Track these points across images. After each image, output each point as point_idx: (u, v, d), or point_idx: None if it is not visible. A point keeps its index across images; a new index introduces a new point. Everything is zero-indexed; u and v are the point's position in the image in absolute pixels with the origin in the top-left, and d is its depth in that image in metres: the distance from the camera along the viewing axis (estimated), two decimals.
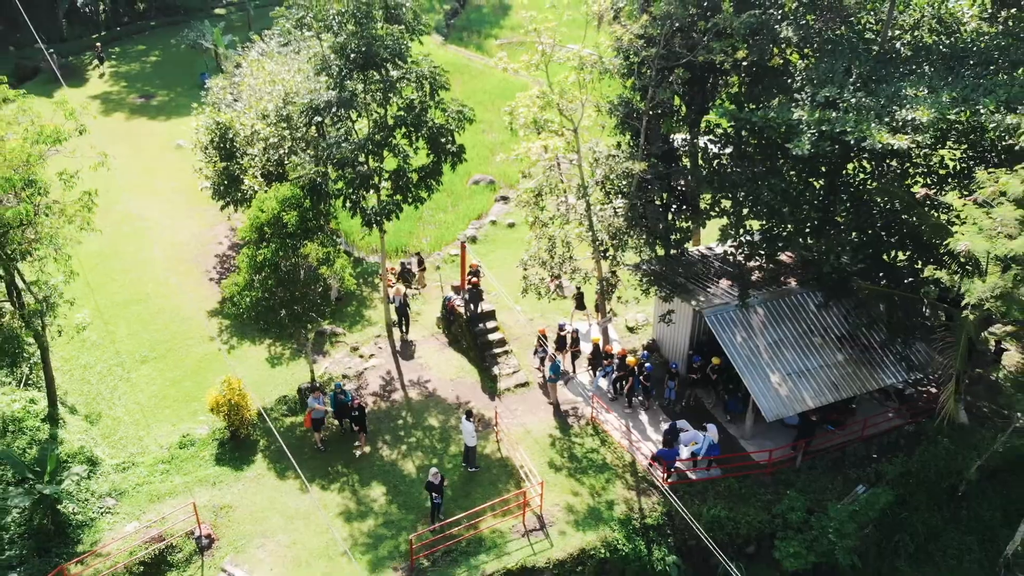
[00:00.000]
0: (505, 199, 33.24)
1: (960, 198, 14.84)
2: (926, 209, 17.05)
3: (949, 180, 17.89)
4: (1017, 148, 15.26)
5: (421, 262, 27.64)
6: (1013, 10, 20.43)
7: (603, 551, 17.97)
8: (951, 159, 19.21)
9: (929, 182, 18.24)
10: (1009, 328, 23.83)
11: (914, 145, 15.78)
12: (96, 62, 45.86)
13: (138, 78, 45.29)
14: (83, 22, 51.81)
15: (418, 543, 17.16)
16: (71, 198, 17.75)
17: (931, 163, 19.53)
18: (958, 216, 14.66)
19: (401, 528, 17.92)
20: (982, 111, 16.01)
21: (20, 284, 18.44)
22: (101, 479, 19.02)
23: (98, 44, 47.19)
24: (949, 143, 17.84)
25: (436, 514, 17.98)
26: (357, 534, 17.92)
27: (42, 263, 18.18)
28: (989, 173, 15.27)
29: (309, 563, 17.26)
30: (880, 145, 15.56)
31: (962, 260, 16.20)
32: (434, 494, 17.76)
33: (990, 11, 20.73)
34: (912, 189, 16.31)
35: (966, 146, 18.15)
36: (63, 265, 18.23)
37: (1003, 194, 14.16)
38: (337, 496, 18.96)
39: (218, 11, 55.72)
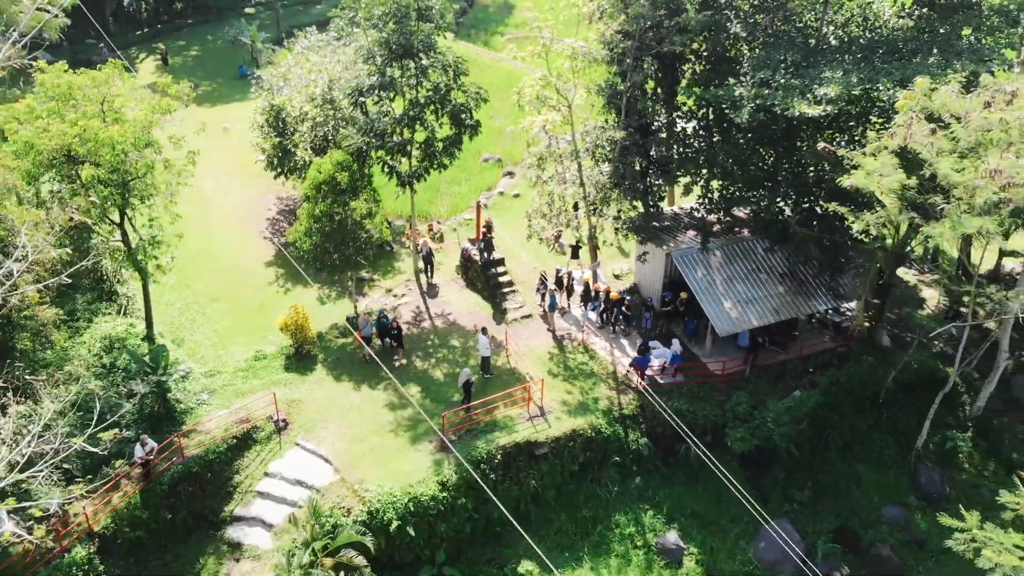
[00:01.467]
0: (511, 174, 37.90)
1: (852, 151, 19.46)
2: (828, 160, 21.78)
3: (861, 142, 22.54)
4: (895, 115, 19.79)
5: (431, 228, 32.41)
6: (925, 9, 25.07)
7: (590, 432, 22.77)
8: (871, 127, 23.87)
9: (845, 143, 22.90)
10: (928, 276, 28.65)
11: (823, 114, 20.51)
12: (161, 63, 50.25)
13: (182, 71, 49.95)
14: (127, 20, 56.46)
15: (448, 422, 21.94)
16: (179, 156, 22.49)
17: (854, 133, 24.21)
18: (854, 165, 19.28)
19: (433, 415, 22.68)
20: (880, 88, 20.70)
21: (129, 228, 23.15)
22: (193, 382, 23.77)
23: (162, 46, 51.56)
24: (861, 113, 22.52)
25: (468, 400, 22.74)
26: (399, 419, 22.70)
27: (151, 208, 22.90)
28: (878, 132, 19.99)
29: (363, 439, 22.04)
30: (799, 113, 20.31)
31: (860, 200, 20.89)
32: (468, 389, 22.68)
33: (906, 10, 25.38)
34: (818, 146, 20.92)
35: (874, 116, 22.83)
36: (167, 211, 22.95)
37: (886, 148, 18.78)
38: (382, 394, 23.74)
39: (248, 10, 60.27)
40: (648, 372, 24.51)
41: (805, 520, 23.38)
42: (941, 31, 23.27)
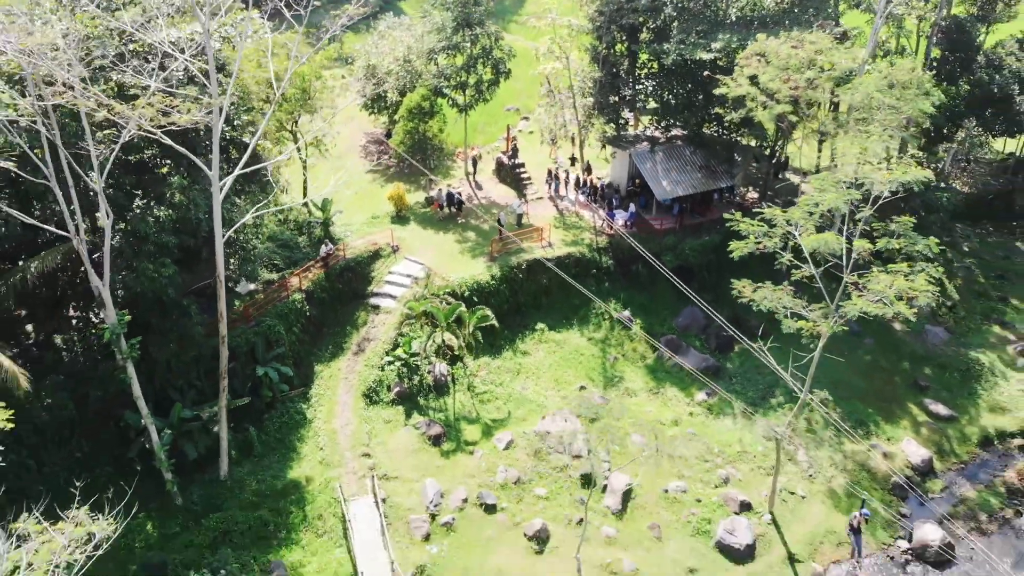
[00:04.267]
0: (526, 119, 51.54)
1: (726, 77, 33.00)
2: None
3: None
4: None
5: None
6: None
7: (578, 255, 36.60)
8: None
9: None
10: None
11: (714, 57, 34.06)
12: None
13: None
14: None
15: (495, 246, 35.76)
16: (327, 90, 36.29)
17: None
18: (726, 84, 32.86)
19: (484, 244, 36.46)
20: (748, 44, 34.19)
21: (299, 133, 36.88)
22: (340, 227, 37.62)
23: None
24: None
25: (500, 233, 36.62)
26: (463, 246, 36.56)
27: (312, 123, 36.70)
28: (741, 68, 33.58)
29: (443, 256, 35.87)
30: (698, 57, 33.91)
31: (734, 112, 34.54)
32: (501, 226, 36.53)
33: None
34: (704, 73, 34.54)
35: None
36: (326, 119, 36.68)
37: (743, 72, 32.31)
38: (451, 235, 37.60)
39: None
40: (615, 225, 38.30)
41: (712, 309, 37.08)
42: (795, 11, 36.83)
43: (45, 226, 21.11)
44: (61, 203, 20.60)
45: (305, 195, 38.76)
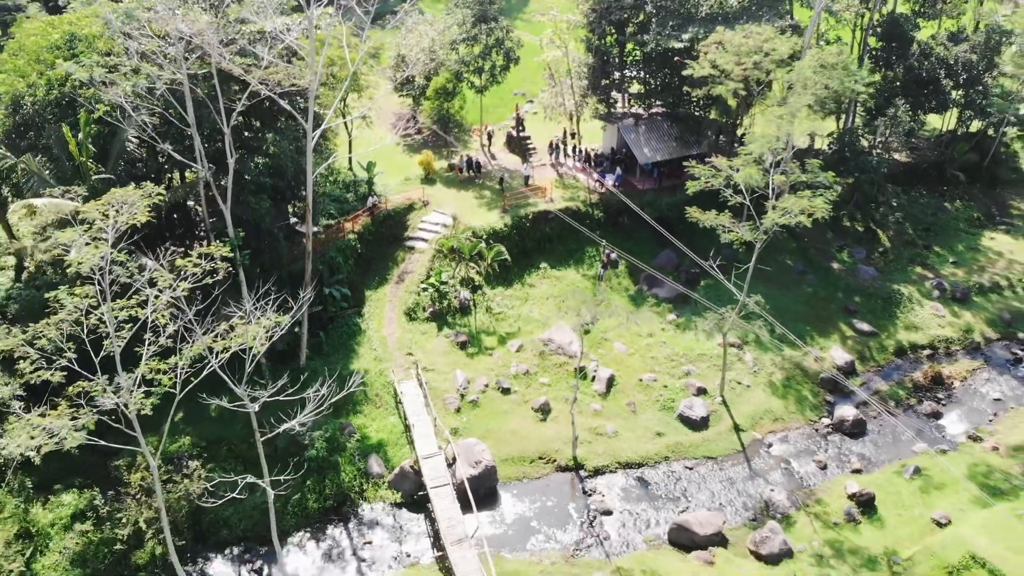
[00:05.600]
0: (531, 102, 59.10)
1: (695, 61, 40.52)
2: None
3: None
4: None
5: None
6: None
7: (574, 209, 44.24)
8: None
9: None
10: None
11: (683, 46, 41.59)
12: None
13: None
14: None
15: (506, 200, 43.41)
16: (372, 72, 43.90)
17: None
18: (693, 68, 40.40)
19: (497, 200, 44.14)
20: (712, 35, 41.70)
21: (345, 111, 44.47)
22: (380, 186, 45.32)
23: None
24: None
25: (503, 192, 44.29)
26: (481, 201, 44.25)
27: (359, 100, 44.33)
28: (704, 54, 41.08)
29: (466, 208, 43.51)
30: (671, 45, 41.47)
31: (702, 89, 42.06)
32: (502, 184, 44.18)
33: None
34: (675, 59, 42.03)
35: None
36: (368, 96, 44.31)
37: (705, 57, 39.84)
38: (471, 193, 45.27)
39: None
40: (606, 185, 45.93)
41: (681, 254, 44.76)
42: (752, 8, 44.37)
43: (186, 160, 28.84)
44: (198, 146, 28.31)
45: (350, 161, 46.48)
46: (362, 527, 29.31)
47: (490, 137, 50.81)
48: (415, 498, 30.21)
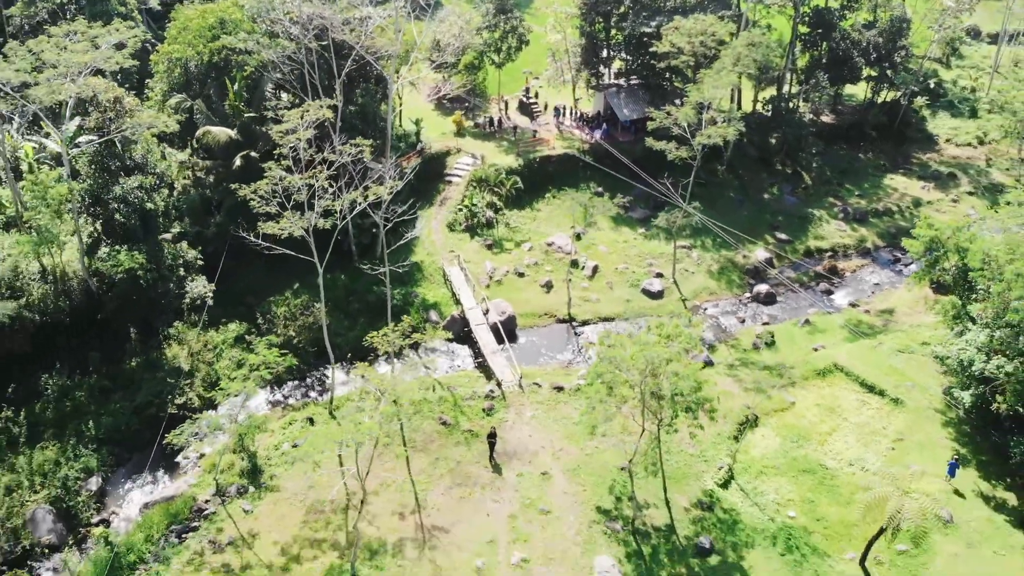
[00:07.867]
0: (536, 78, 72.46)
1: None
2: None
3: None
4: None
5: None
6: None
7: (571, 154, 57.64)
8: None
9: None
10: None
11: (652, 30, 54.78)
12: None
13: None
14: None
15: (519, 146, 56.80)
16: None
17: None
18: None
19: (512, 148, 57.54)
20: (675, 21, 54.90)
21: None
22: (424, 138, 58.74)
23: None
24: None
25: (516, 142, 57.71)
26: (500, 148, 57.60)
27: (410, 70, 57.69)
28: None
29: (490, 153, 56.89)
30: (642, 30, 54.70)
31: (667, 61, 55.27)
32: (516, 135, 57.67)
33: None
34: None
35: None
36: (415, 69, 57.60)
37: (669, 40, 52.93)
38: (492, 143, 58.63)
39: None
40: (596, 137, 59.29)
41: (650, 185, 58.11)
42: (705, 2, 57.58)
43: (309, 100, 42.49)
44: (320, 94, 41.85)
45: (400, 118, 60.00)
46: (426, 352, 42.96)
47: (507, 105, 64.25)
48: (461, 335, 43.84)
